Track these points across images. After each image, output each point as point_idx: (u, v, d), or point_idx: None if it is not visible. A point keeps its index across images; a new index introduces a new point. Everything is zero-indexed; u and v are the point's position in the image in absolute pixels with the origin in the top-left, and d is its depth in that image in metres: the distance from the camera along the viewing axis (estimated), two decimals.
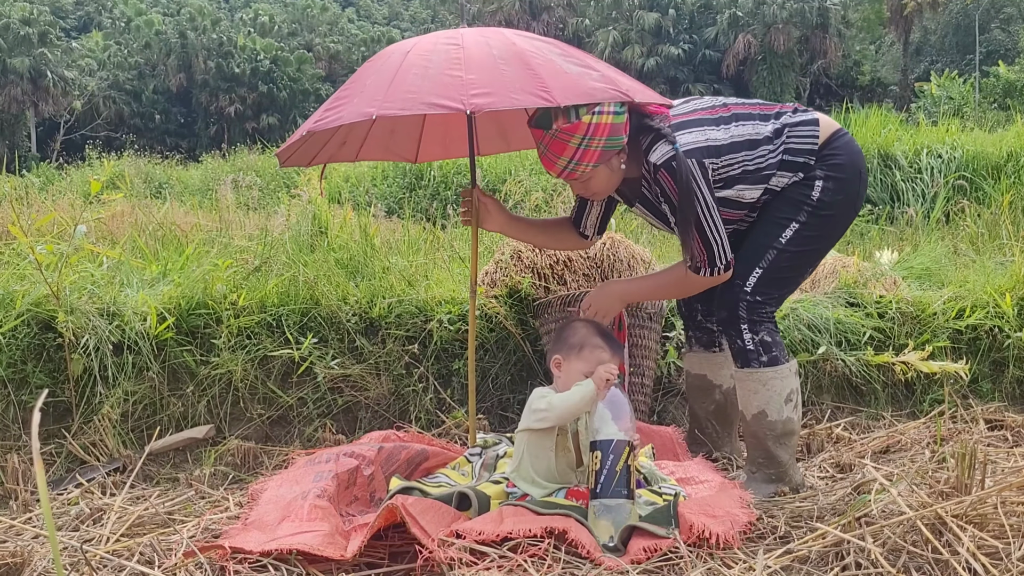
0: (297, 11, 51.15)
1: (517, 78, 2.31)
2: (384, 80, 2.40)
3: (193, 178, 18.42)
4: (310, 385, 3.15)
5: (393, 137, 3.13)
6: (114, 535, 2.12)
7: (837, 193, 2.42)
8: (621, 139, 2.33)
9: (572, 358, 2.36)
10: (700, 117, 2.42)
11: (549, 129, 2.29)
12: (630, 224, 6.00)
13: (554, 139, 2.29)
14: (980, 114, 19.41)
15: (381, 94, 2.34)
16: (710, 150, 2.35)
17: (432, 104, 2.26)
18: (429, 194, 12.50)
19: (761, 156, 2.39)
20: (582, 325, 2.47)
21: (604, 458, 2.10)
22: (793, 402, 2.49)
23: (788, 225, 2.42)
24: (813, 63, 40.43)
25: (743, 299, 2.45)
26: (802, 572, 1.85)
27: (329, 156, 3.02)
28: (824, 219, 2.43)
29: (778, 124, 2.43)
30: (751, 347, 2.46)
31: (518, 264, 3.41)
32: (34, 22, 37.36)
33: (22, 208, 7.37)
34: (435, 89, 2.29)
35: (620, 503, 2.07)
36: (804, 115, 2.46)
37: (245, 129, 39.61)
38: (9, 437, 2.85)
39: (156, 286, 3.35)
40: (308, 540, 1.94)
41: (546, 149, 2.33)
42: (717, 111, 2.45)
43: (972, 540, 1.74)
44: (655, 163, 2.32)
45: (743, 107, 2.47)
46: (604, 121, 2.26)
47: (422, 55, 2.45)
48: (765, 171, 2.40)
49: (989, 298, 3.67)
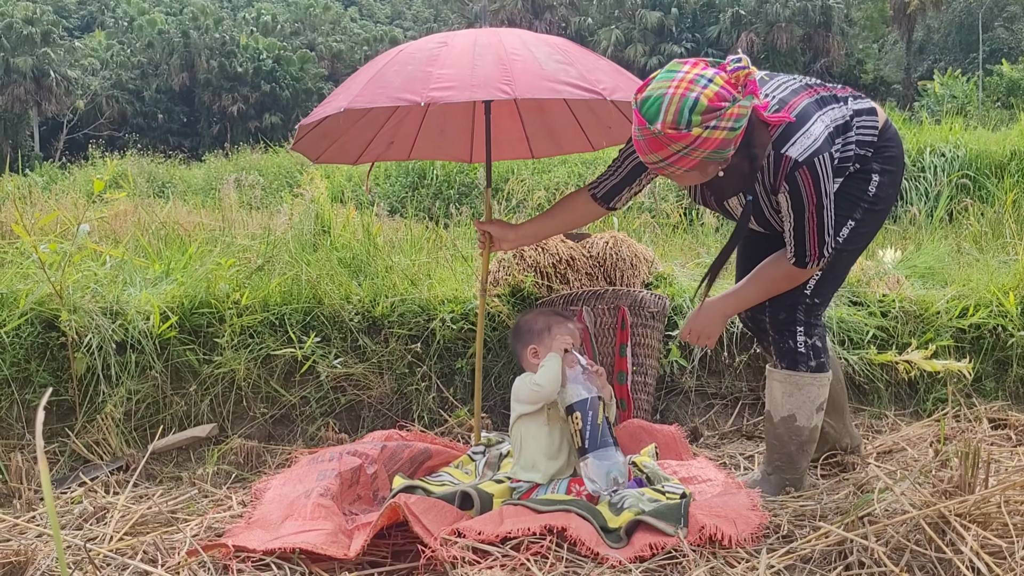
0: (300, 10, 51.14)
1: (485, 73, 2.37)
2: (366, 76, 2.52)
3: (196, 177, 18.45)
4: (313, 384, 3.15)
5: (444, 137, 3.19)
6: (117, 534, 2.13)
7: (890, 187, 2.31)
8: (727, 152, 2.06)
9: (546, 340, 2.52)
10: (809, 101, 2.19)
11: (653, 124, 2.01)
12: (632, 223, 6.00)
13: (655, 137, 2.02)
14: (983, 113, 19.36)
15: (358, 89, 2.46)
16: (832, 138, 2.16)
17: (396, 98, 2.36)
18: (432, 193, 12.51)
19: (849, 143, 2.23)
20: (535, 313, 2.65)
21: (584, 416, 2.30)
22: (822, 412, 2.43)
23: (845, 223, 2.29)
24: (816, 62, 40.34)
25: (803, 301, 2.35)
26: (805, 571, 1.85)
27: (376, 155, 3.07)
28: (876, 214, 2.33)
29: (850, 110, 2.26)
30: (802, 350, 2.38)
31: (521, 263, 3.41)
32: (37, 21, 37.39)
33: (25, 207, 7.38)
34: (403, 84, 2.39)
35: (609, 451, 2.27)
36: (864, 102, 2.30)
37: (248, 128, 39.64)
38: (13, 436, 2.85)
39: (159, 285, 3.36)
40: (311, 539, 1.94)
41: (643, 139, 2.07)
42: (811, 92, 2.23)
43: (976, 539, 1.74)
44: (797, 159, 2.09)
45: (821, 88, 2.27)
46: (715, 136, 1.99)
47: (410, 54, 2.56)
48: (846, 162, 2.25)
49: (992, 297, 3.66)
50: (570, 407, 2.34)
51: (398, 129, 3.07)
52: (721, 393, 3.41)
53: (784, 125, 2.11)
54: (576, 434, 2.31)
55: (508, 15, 41.69)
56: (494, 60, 2.44)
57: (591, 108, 3.07)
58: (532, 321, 2.60)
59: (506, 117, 3.20)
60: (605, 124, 3.12)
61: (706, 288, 2.41)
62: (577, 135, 3.23)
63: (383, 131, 3.03)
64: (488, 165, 2.97)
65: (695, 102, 1.97)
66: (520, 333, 2.60)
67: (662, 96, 2.00)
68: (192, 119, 42.95)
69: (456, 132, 3.23)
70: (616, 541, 1.99)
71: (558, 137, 3.29)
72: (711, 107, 1.97)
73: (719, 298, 2.46)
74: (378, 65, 2.62)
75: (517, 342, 2.61)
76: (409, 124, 3.09)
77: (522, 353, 2.57)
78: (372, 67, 2.65)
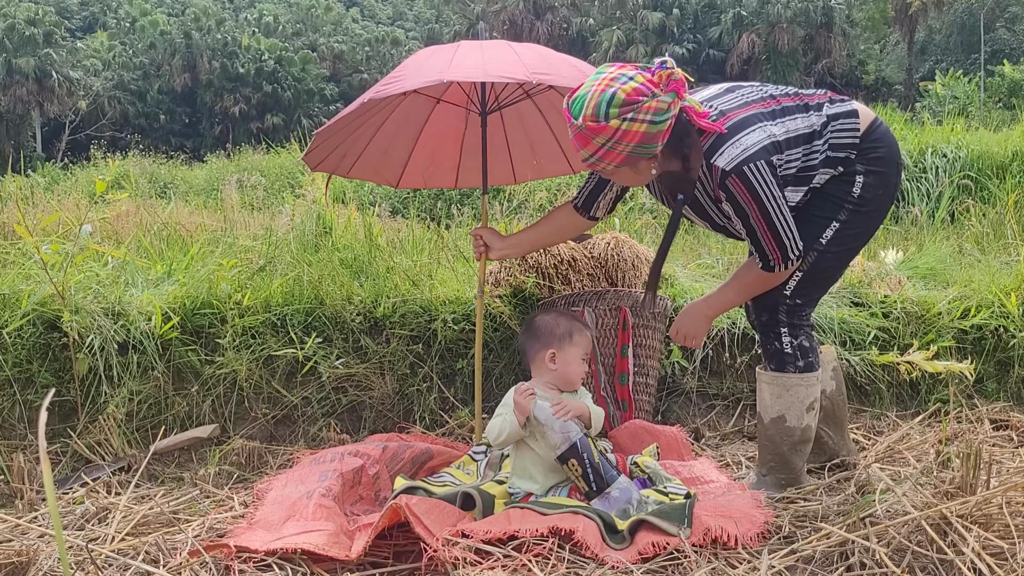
0: (301, 11, 51.17)
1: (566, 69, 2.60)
2: (443, 62, 2.60)
3: (198, 178, 18.45)
4: (314, 385, 3.15)
5: (384, 158, 3.26)
6: (119, 534, 2.13)
7: (878, 188, 2.31)
8: (654, 147, 2.15)
9: (567, 347, 2.48)
10: (756, 112, 2.25)
11: (576, 119, 2.14)
12: (634, 224, 6.00)
13: (580, 132, 2.14)
14: (985, 113, 19.35)
15: (444, 69, 2.52)
16: (774, 147, 2.20)
17: (498, 75, 2.47)
18: (433, 194, 12.51)
19: (815, 151, 2.27)
20: (557, 315, 2.59)
21: (580, 461, 2.22)
22: (814, 411, 2.45)
23: (828, 225, 2.32)
24: (817, 62, 40.32)
25: (783, 303, 2.38)
26: (807, 572, 1.85)
27: (332, 167, 3.10)
28: (864, 215, 2.33)
29: (823, 116, 2.29)
30: (789, 351, 2.40)
31: (522, 264, 3.41)
32: (39, 22, 37.43)
33: (28, 208, 7.39)
34: (497, 66, 2.51)
35: (617, 481, 2.23)
36: (843, 105, 2.33)
37: (250, 129, 39.66)
38: (15, 436, 2.86)
39: (161, 286, 3.36)
40: (313, 539, 1.94)
41: (572, 136, 2.21)
42: (768, 103, 2.28)
43: (977, 540, 1.73)
44: (724, 168, 2.15)
45: (788, 98, 2.32)
46: (635, 129, 2.09)
47: (474, 47, 2.68)
48: (811, 170, 2.28)
49: (994, 298, 3.66)
50: (562, 457, 2.24)
51: (353, 144, 3.12)
52: (723, 394, 3.41)
53: (715, 136, 2.18)
54: (579, 479, 2.23)
55: (510, 16, 41.70)
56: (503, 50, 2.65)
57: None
58: (554, 324, 2.52)
59: (493, 139, 3.30)
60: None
61: (650, 291, 2.50)
62: (558, 158, 3.38)
63: (341, 146, 3.08)
64: (484, 171, 3.01)
65: (612, 95, 2.09)
66: (539, 334, 2.53)
67: (586, 94, 2.13)
68: (194, 120, 42.98)
69: (396, 156, 3.33)
70: (620, 542, 1.99)
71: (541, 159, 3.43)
72: (628, 100, 2.08)
73: (702, 300, 2.51)
74: (447, 50, 2.75)
75: (534, 342, 2.54)
76: (361, 141, 3.14)
77: (537, 354, 2.51)
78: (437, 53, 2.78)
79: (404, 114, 3.12)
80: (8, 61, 36.03)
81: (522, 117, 3.25)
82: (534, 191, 10.36)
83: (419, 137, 3.26)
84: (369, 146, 3.15)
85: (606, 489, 2.20)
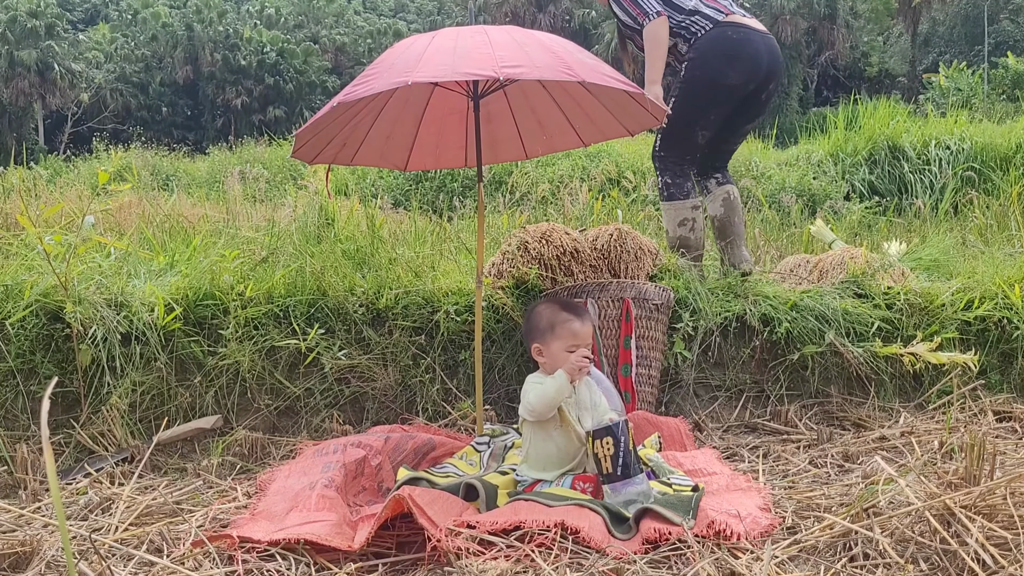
0: (303, 3, 51.08)
1: (542, 58, 2.45)
2: (413, 57, 2.49)
3: (200, 170, 18.45)
4: (317, 376, 3.15)
5: (388, 143, 3.21)
6: (123, 524, 2.13)
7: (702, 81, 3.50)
8: None
9: (548, 340, 2.42)
10: None
11: None
12: (636, 216, 6.00)
13: None
14: (989, 105, 19.28)
15: (412, 66, 2.42)
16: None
17: (466, 73, 2.35)
18: (435, 186, 12.50)
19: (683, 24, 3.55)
20: (542, 306, 2.53)
21: (616, 442, 2.15)
22: (687, 226, 3.64)
23: (673, 95, 3.54)
24: (821, 54, 40.20)
25: (656, 154, 3.69)
26: (810, 562, 1.85)
27: (331, 157, 3.08)
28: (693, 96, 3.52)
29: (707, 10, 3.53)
30: (660, 186, 3.70)
31: (525, 255, 3.40)
32: (41, 15, 37.41)
33: (30, 199, 7.40)
34: (467, 62, 2.39)
35: (643, 479, 2.17)
36: (727, 16, 3.51)
37: (252, 121, 39.66)
38: (18, 427, 2.86)
39: (163, 277, 3.36)
40: (316, 530, 1.94)
41: None
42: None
43: (981, 531, 1.73)
44: None
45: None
46: None
47: (449, 38, 2.56)
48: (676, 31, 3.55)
49: (998, 289, 3.65)
50: (600, 430, 2.18)
51: (353, 132, 3.08)
52: (725, 385, 3.41)
53: None
54: (606, 459, 2.16)
55: (511, 8, 41.56)
56: (541, 48, 2.53)
57: (578, 103, 3.10)
58: (537, 316, 2.49)
59: (499, 116, 3.26)
60: (591, 118, 3.16)
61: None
62: (567, 131, 3.31)
63: (341, 134, 3.04)
64: (479, 160, 2.99)
65: None
66: (526, 328, 2.55)
67: None
68: (196, 112, 42.99)
69: (400, 139, 3.28)
70: (626, 532, 1.99)
71: (551, 134, 3.36)
72: None
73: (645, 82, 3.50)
74: (418, 47, 2.61)
75: (525, 336, 2.57)
76: (363, 128, 3.10)
77: (529, 348, 2.52)
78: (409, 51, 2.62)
79: (403, 99, 3.08)
80: (10, 53, 36.02)
81: (526, 94, 3.18)
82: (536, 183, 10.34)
83: (422, 119, 3.21)
84: (371, 132, 3.12)
85: (628, 478, 2.16)
